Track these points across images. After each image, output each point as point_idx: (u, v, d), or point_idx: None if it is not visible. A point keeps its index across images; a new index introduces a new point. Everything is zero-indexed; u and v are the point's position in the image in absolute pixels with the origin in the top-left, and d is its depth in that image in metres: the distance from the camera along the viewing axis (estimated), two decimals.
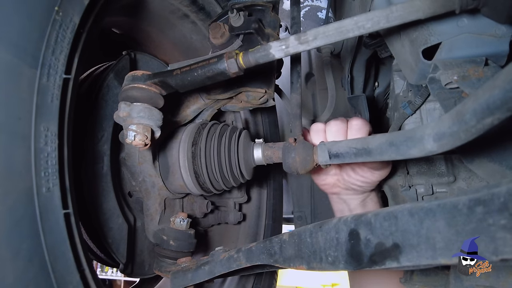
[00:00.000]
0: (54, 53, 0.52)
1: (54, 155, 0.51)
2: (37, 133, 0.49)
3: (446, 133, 0.49)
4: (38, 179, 0.48)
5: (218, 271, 0.76)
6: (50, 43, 0.51)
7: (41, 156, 0.49)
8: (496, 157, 0.68)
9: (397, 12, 0.59)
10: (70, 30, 0.55)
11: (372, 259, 0.54)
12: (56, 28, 0.52)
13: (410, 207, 0.50)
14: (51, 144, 0.51)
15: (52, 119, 0.52)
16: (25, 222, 0.46)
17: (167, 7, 0.97)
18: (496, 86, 0.39)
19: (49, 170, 0.50)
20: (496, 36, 0.65)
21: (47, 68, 0.51)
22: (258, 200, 1.35)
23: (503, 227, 0.37)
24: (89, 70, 0.97)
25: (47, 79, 0.51)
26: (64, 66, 0.54)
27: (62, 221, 0.51)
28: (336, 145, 0.73)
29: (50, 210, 0.49)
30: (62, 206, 0.51)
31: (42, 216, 0.48)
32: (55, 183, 0.51)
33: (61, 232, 0.51)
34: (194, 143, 0.87)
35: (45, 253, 0.48)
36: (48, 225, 0.49)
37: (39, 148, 0.49)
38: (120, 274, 4.61)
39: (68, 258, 0.51)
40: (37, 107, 0.49)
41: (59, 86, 0.53)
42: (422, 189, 0.99)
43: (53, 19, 0.52)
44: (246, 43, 0.88)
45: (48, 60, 0.51)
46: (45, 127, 0.50)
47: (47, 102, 0.51)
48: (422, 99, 0.90)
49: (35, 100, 0.49)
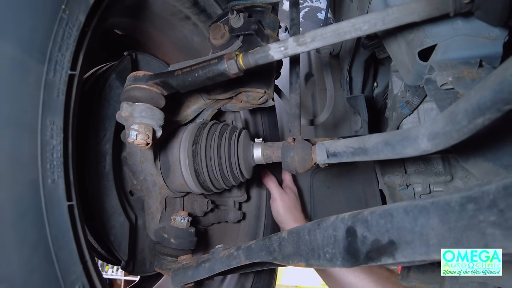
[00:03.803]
0: (61, 49, 0.54)
1: (59, 148, 0.53)
2: (43, 127, 0.50)
3: (439, 132, 0.50)
4: (44, 170, 0.50)
5: (218, 268, 0.78)
6: (57, 40, 0.53)
7: (47, 148, 0.51)
8: (491, 156, 0.70)
9: (393, 14, 0.61)
10: (76, 28, 0.57)
11: (368, 255, 0.55)
12: (62, 26, 0.54)
13: (405, 205, 0.51)
14: (57, 137, 0.53)
15: (58, 113, 0.53)
16: (31, 212, 0.48)
17: (169, 9, 0.98)
18: (486, 88, 0.40)
19: (54, 162, 0.52)
20: (490, 38, 0.66)
21: (54, 64, 0.53)
22: (258, 200, 1.36)
23: (492, 223, 0.39)
24: (91, 70, 0.98)
25: (54, 74, 0.53)
26: (70, 62, 0.55)
27: (66, 212, 0.53)
28: (334, 145, 0.74)
29: (55, 201, 0.51)
30: (66, 198, 0.53)
31: (47, 206, 0.50)
32: (60, 175, 0.52)
33: (65, 223, 0.52)
34: (194, 142, 0.89)
35: (50, 243, 0.49)
36: (52, 215, 0.50)
37: (45, 140, 0.51)
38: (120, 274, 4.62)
39: (72, 249, 0.53)
40: (43, 102, 0.51)
41: (65, 81, 0.54)
42: (420, 188, 1.01)
43: (60, 17, 0.53)
44: (246, 44, 0.90)
45: (55, 56, 0.53)
46: (51, 120, 0.52)
47: (53, 97, 0.52)
48: (419, 99, 0.91)
49: (42, 94, 0.51)
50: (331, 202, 1.63)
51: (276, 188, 1.29)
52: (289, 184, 1.38)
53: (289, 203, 1.29)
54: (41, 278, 0.48)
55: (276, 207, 1.28)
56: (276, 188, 1.30)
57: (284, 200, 1.28)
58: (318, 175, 1.63)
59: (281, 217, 1.28)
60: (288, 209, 1.28)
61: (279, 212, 1.28)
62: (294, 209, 1.30)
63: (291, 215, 1.28)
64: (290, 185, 1.38)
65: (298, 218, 1.28)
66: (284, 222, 1.28)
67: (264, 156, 0.91)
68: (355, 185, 1.61)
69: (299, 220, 1.29)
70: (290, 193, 1.33)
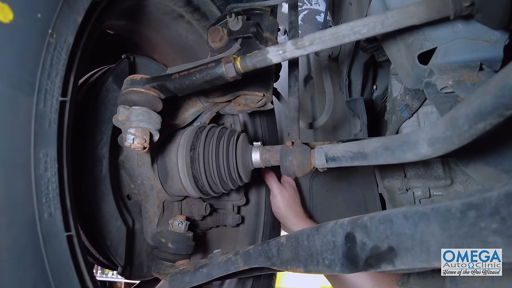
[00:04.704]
0: (50, 76, 0.51)
1: (54, 180, 0.51)
2: (36, 161, 0.48)
3: (440, 138, 0.50)
4: (40, 205, 0.48)
5: (216, 273, 0.77)
6: (45, 67, 0.50)
7: (41, 182, 0.49)
8: (491, 160, 0.69)
9: (393, 18, 0.60)
10: (64, 51, 0.54)
11: (367, 262, 0.54)
12: (50, 51, 0.51)
13: (405, 211, 0.50)
14: (51, 169, 0.51)
15: (51, 144, 0.51)
16: (28, 251, 0.46)
17: (162, 9, 0.98)
18: (487, 92, 0.40)
19: (50, 195, 0.50)
20: (490, 41, 0.66)
21: (44, 93, 0.50)
22: (257, 203, 1.35)
23: (494, 231, 0.38)
24: (88, 73, 0.98)
25: (44, 104, 0.50)
26: (60, 89, 0.53)
27: (65, 243, 0.51)
28: (332, 149, 0.74)
29: (53, 234, 0.49)
30: (65, 229, 0.51)
31: (45, 241, 0.48)
32: (56, 207, 0.51)
33: (64, 254, 0.51)
34: (192, 148, 0.88)
35: (50, 278, 0.48)
36: (51, 249, 0.49)
37: (39, 175, 0.49)
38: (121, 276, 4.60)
39: (73, 279, 0.51)
40: (35, 134, 0.48)
41: (56, 109, 0.52)
42: (419, 192, 1.00)
43: (47, 42, 0.51)
44: (244, 47, 0.89)
45: (44, 84, 0.50)
46: (44, 153, 0.50)
47: (45, 128, 0.50)
48: (419, 103, 0.90)
49: (33, 127, 0.48)
50: (330, 205, 1.62)
51: (276, 184, 1.30)
52: (288, 179, 1.39)
53: (289, 199, 1.30)
54: None
55: (276, 203, 1.29)
56: (275, 184, 1.30)
57: (284, 196, 1.29)
58: (317, 178, 1.62)
59: (282, 212, 1.29)
60: (288, 205, 1.29)
61: (280, 208, 1.29)
62: (294, 204, 1.31)
63: (291, 210, 1.29)
64: (289, 180, 1.39)
65: (298, 213, 1.29)
66: (285, 217, 1.28)
67: (263, 160, 0.90)
68: (354, 188, 1.60)
69: (299, 215, 1.30)
70: (290, 188, 1.34)
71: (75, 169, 0.75)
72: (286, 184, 1.35)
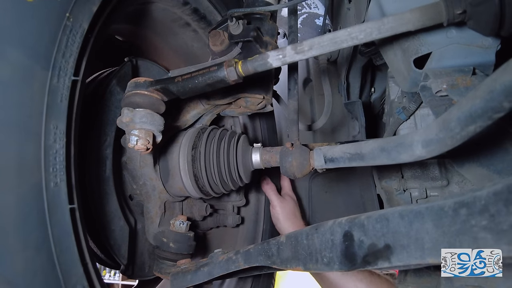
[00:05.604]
0: (65, 56, 0.55)
1: (62, 152, 0.54)
2: (47, 131, 0.52)
3: (433, 139, 0.52)
4: (47, 174, 0.51)
5: (217, 272, 0.78)
6: (61, 47, 0.55)
7: (50, 152, 0.52)
8: (485, 162, 0.71)
9: (389, 24, 0.62)
10: (79, 35, 0.58)
11: (365, 259, 0.56)
12: (66, 33, 0.56)
13: (400, 210, 0.52)
14: (60, 141, 0.54)
15: (61, 118, 0.54)
16: (34, 215, 0.49)
17: (170, 15, 1.00)
18: (477, 96, 0.42)
19: (57, 166, 0.53)
20: (483, 46, 0.68)
21: (58, 70, 0.54)
22: (256, 205, 1.37)
23: (484, 228, 0.40)
24: (92, 75, 0.99)
25: (58, 80, 0.54)
26: (73, 68, 0.57)
27: (68, 215, 0.54)
28: (331, 150, 0.76)
29: (57, 204, 0.52)
30: (68, 201, 0.54)
31: (50, 209, 0.51)
32: (62, 179, 0.53)
33: (67, 226, 0.53)
34: (194, 147, 0.90)
35: (52, 245, 0.50)
36: (55, 218, 0.51)
37: (48, 145, 0.52)
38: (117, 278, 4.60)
39: (73, 252, 0.54)
40: (47, 107, 0.52)
41: (68, 87, 0.56)
42: (416, 193, 1.02)
43: (64, 24, 0.55)
44: (245, 51, 0.91)
45: (59, 62, 0.54)
46: (55, 125, 0.53)
47: (57, 102, 0.54)
48: (416, 105, 0.93)
49: (46, 99, 0.52)
50: (329, 206, 1.63)
51: (275, 196, 1.30)
52: (288, 192, 1.39)
53: (288, 211, 1.29)
54: (43, 280, 0.49)
55: (275, 214, 1.29)
56: (275, 195, 1.30)
57: (284, 208, 1.29)
58: (317, 180, 1.64)
59: (281, 224, 1.28)
60: (287, 217, 1.28)
61: (279, 219, 1.29)
62: (294, 216, 1.31)
63: (291, 222, 1.28)
64: (290, 193, 1.38)
65: (298, 225, 1.29)
66: (284, 229, 1.28)
67: (263, 161, 0.92)
68: (353, 189, 1.62)
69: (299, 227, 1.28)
70: (290, 201, 1.34)
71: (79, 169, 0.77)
72: (286, 197, 1.34)
